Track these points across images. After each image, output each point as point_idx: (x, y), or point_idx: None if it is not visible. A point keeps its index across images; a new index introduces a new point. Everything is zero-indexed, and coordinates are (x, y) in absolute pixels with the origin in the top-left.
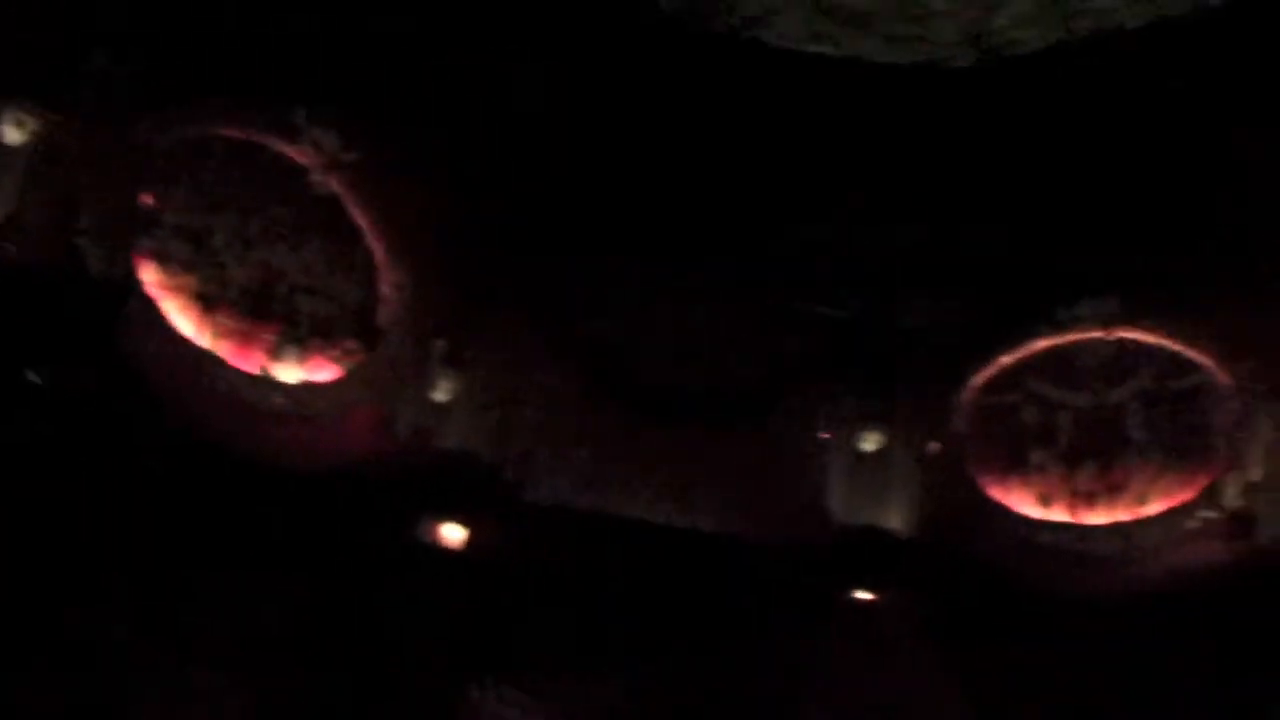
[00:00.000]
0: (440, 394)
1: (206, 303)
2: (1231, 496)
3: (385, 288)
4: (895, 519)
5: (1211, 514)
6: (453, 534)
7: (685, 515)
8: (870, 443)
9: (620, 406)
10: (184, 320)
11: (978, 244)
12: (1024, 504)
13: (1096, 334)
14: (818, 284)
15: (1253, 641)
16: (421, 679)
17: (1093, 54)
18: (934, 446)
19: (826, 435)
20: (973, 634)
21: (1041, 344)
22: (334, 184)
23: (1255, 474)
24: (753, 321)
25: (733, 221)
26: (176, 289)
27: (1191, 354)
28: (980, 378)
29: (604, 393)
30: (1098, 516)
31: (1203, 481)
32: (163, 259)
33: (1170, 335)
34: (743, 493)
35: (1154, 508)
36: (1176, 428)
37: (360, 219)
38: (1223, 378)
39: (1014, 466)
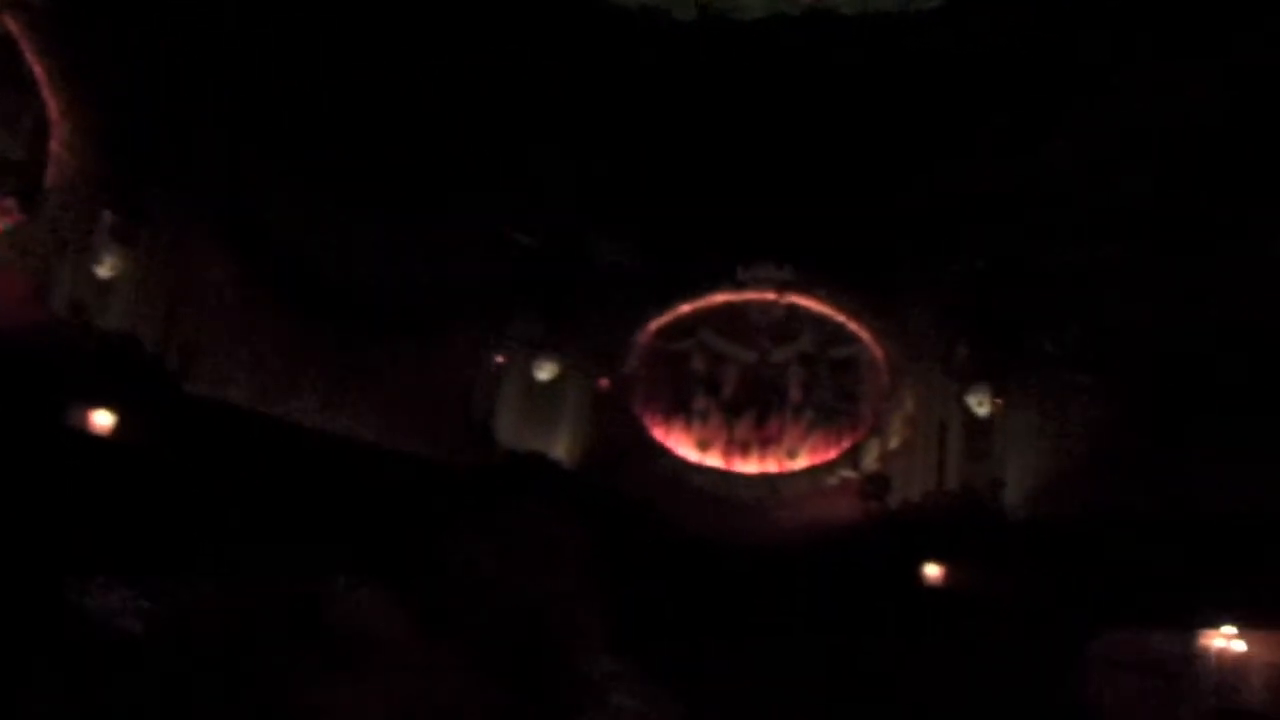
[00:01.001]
0: (104, 270)
1: None
2: (870, 460)
3: (55, 146)
4: (560, 448)
5: (851, 473)
6: (102, 419)
7: (350, 424)
8: (544, 371)
9: (295, 310)
10: None
11: (674, 193)
12: (683, 446)
13: (770, 296)
14: (512, 209)
15: (876, 595)
16: (35, 565)
17: (805, 30)
18: (604, 382)
19: (501, 359)
20: (622, 564)
21: (719, 298)
22: (12, 24)
23: (893, 442)
24: (440, 238)
25: (432, 138)
26: None
27: (852, 327)
28: (658, 322)
29: (280, 294)
30: (749, 465)
31: (846, 444)
32: None
33: (836, 307)
34: (410, 408)
35: (800, 463)
36: (830, 392)
37: (38, 67)
38: (876, 352)
39: (678, 410)
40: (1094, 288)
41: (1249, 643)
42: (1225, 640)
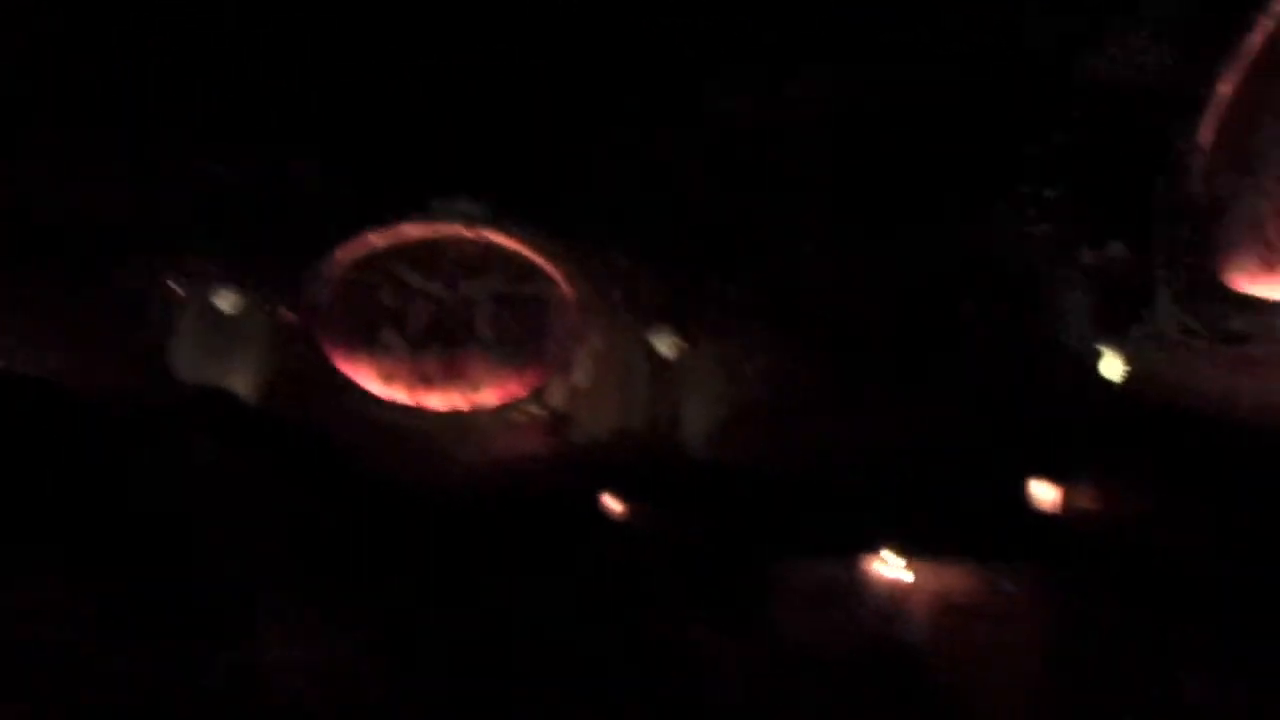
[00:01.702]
0: None
1: None
2: (556, 397)
3: None
4: (241, 382)
5: (537, 411)
6: None
7: (12, 358)
8: (225, 303)
9: None
10: None
11: (365, 120)
12: (368, 381)
13: (463, 230)
14: (195, 133)
15: (560, 533)
16: None
17: None
18: (288, 315)
19: (179, 290)
20: (303, 502)
21: (411, 231)
22: None
23: (579, 380)
24: (117, 162)
25: (115, 61)
26: None
27: (543, 265)
28: (347, 253)
29: None
30: (435, 401)
31: (534, 380)
32: None
33: (528, 244)
34: (83, 339)
35: (487, 399)
36: (518, 328)
37: None
38: (566, 291)
39: (364, 344)
40: (775, 240)
41: (916, 572)
42: (893, 570)
